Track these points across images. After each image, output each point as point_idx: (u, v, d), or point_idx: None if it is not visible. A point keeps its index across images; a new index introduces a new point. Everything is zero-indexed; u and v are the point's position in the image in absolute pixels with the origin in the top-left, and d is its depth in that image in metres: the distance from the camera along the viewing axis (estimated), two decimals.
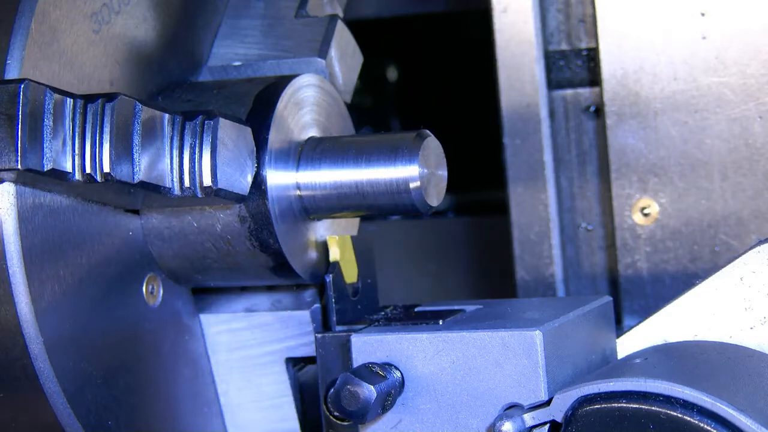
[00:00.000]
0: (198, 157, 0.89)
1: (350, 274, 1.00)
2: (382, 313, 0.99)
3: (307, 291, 1.03)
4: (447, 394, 0.89)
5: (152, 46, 0.98)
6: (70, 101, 0.84)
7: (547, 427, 0.87)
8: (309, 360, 1.04)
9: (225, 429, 1.04)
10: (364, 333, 0.91)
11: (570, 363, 0.90)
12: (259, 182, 0.94)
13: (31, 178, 0.84)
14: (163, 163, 0.88)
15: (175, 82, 1.00)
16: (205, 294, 1.04)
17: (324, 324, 1.01)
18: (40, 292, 0.86)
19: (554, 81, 1.16)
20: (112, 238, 0.93)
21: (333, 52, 1.03)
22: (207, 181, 0.89)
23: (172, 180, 0.88)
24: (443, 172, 0.98)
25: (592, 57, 1.15)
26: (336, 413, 0.93)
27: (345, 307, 0.98)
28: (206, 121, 0.89)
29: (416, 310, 0.98)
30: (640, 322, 0.97)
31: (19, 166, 0.81)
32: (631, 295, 1.13)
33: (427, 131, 0.96)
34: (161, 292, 0.98)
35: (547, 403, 0.86)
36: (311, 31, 1.04)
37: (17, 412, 0.89)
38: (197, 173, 0.89)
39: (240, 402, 1.04)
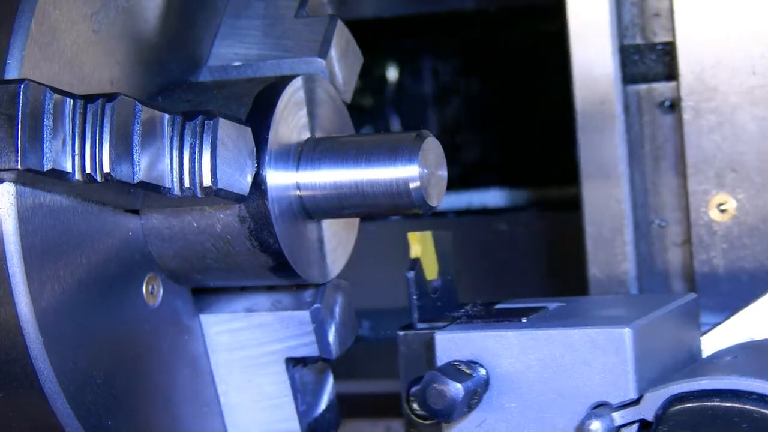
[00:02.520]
0: (198, 157, 0.89)
1: (431, 270, 0.98)
2: (463, 310, 0.98)
3: (307, 291, 1.03)
4: (533, 392, 0.88)
5: (152, 46, 0.98)
6: (70, 101, 0.84)
7: (636, 426, 0.86)
8: (309, 360, 1.04)
9: (225, 429, 1.04)
10: (448, 330, 0.90)
11: (657, 361, 0.89)
12: (259, 182, 0.94)
13: (31, 178, 0.84)
14: (163, 163, 0.88)
15: (175, 82, 1.00)
16: (205, 294, 1.04)
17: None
18: (40, 292, 0.86)
19: (628, 76, 1.16)
20: (112, 238, 0.93)
21: (333, 52, 1.03)
22: (207, 181, 0.89)
23: (172, 180, 0.88)
24: (443, 172, 0.98)
25: (667, 51, 1.14)
26: (421, 412, 0.92)
27: (425, 304, 0.97)
28: (206, 121, 0.89)
29: (497, 307, 0.97)
30: (720, 319, 0.95)
31: (19, 166, 0.81)
32: (707, 293, 1.12)
33: (427, 131, 0.96)
34: (161, 292, 0.98)
35: (636, 401, 0.85)
36: (311, 31, 1.04)
37: (17, 412, 0.89)
38: (197, 173, 0.88)
39: (240, 402, 1.04)
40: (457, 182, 1.67)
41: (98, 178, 0.84)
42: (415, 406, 0.94)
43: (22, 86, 0.81)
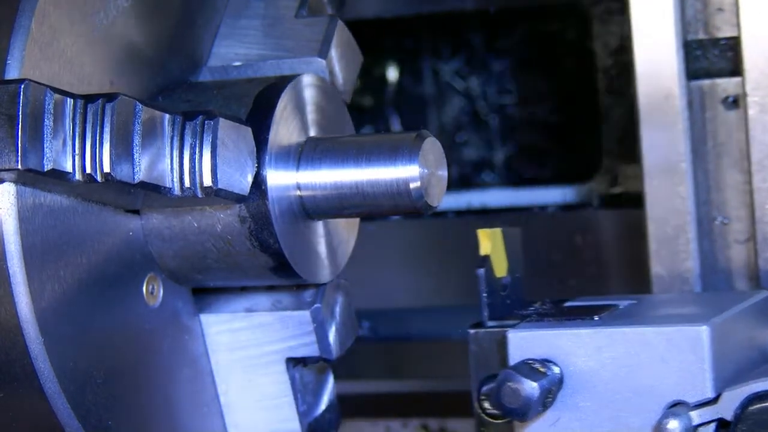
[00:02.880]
0: (198, 157, 0.89)
1: (500, 268, 0.98)
2: (532, 308, 0.97)
3: (307, 291, 1.03)
4: (608, 391, 0.87)
5: (152, 46, 0.98)
6: (70, 101, 0.84)
7: (713, 425, 0.85)
8: (309, 360, 1.04)
9: (225, 429, 1.04)
10: (521, 329, 0.90)
11: (732, 359, 0.89)
12: (259, 182, 0.94)
13: (31, 178, 0.84)
14: (163, 163, 0.88)
15: (175, 82, 1.00)
16: (205, 294, 1.04)
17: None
18: (40, 292, 0.86)
19: (691, 71, 1.15)
20: (113, 238, 0.93)
21: (333, 52, 1.03)
22: (207, 181, 0.89)
23: (173, 180, 0.88)
24: (443, 172, 0.98)
25: (730, 46, 1.14)
26: (492, 411, 0.91)
27: (495, 301, 0.96)
28: (206, 121, 0.89)
29: (566, 305, 0.97)
30: None
31: (20, 166, 0.81)
32: None
33: (427, 131, 0.96)
34: (161, 292, 0.98)
35: (714, 400, 0.85)
36: (311, 31, 1.04)
37: (17, 412, 0.89)
38: (197, 173, 0.89)
39: (240, 402, 1.04)
40: (457, 182, 1.67)
41: (98, 178, 0.84)
42: (486, 405, 0.93)
43: (22, 86, 0.81)
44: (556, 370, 0.88)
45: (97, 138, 0.84)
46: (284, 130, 0.96)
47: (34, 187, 0.86)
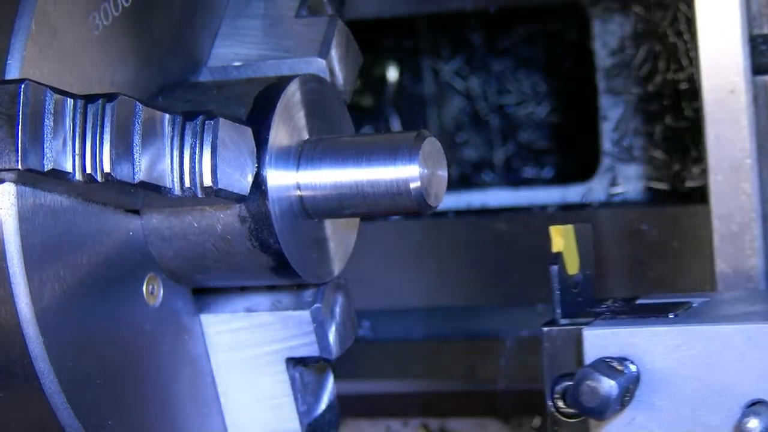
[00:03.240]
0: (198, 157, 0.89)
1: (572, 265, 0.97)
2: (604, 306, 0.96)
3: (307, 291, 1.03)
4: (685, 389, 0.86)
5: (152, 46, 0.98)
6: (70, 101, 0.84)
7: None
8: (309, 360, 1.04)
9: (225, 429, 1.04)
10: (596, 326, 0.89)
11: None
12: (259, 182, 0.94)
13: (31, 178, 0.84)
14: (164, 163, 0.88)
15: (175, 82, 1.00)
16: (205, 294, 1.04)
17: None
18: (40, 292, 0.86)
19: (756, 66, 1.14)
20: (113, 238, 0.93)
21: (333, 52, 1.03)
22: (207, 181, 0.89)
23: (173, 180, 0.89)
24: (443, 172, 0.98)
25: None
26: (566, 410, 0.91)
27: (566, 299, 0.95)
28: (206, 122, 0.89)
29: (638, 302, 0.96)
30: None
31: (20, 167, 0.81)
32: None
33: (427, 131, 0.96)
34: (161, 292, 0.98)
35: None
36: (311, 31, 1.04)
37: (17, 412, 0.89)
38: (197, 173, 0.89)
39: (240, 402, 1.04)
40: (457, 182, 1.67)
41: (99, 178, 0.84)
42: (560, 403, 0.92)
43: (22, 86, 0.81)
44: (633, 368, 0.87)
45: (97, 138, 0.84)
46: (284, 130, 0.96)
47: (34, 187, 0.86)
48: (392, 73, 1.72)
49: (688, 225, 1.40)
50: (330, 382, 1.08)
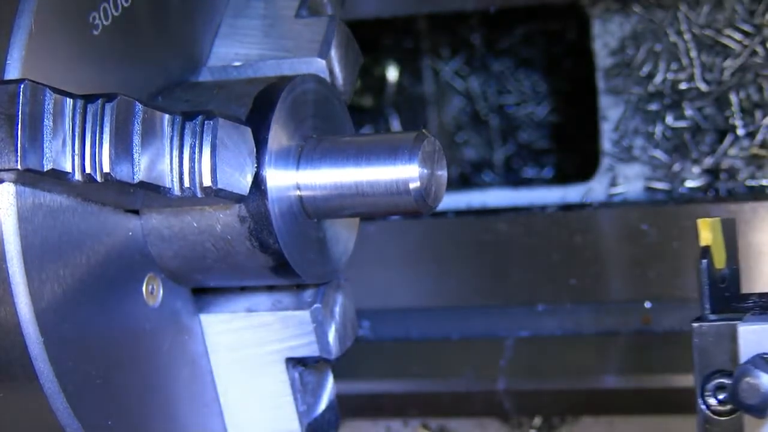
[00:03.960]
0: (198, 157, 0.89)
1: (719, 259, 0.95)
2: (751, 301, 0.95)
3: (307, 291, 1.03)
4: None
5: (152, 46, 0.98)
6: (69, 101, 0.84)
7: None
8: (309, 360, 1.04)
9: (225, 429, 1.04)
10: (751, 322, 0.87)
11: None
12: (259, 182, 0.94)
13: (31, 178, 0.84)
14: (163, 163, 0.88)
15: (175, 82, 1.00)
16: (205, 294, 1.04)
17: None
18: (40, 292, 0.86)
19: None
20: (112, 238, 0.93)
21: (333, 52, 1.03)
22: (207, 181, 0.89)
23: (172, 180, 0.89)
24: (443, 172, 0.98)
25: None
26: (718, 407, 0.89)
27: (715, 294, 0.93)
28: (206, 121, 0.89)
29: None
30: None
31: (19, 166, 0.81)
32: None
33: (427, 131, 0.96)
34: (161, 292, 0.98)
35: None
36: (311, 31, 1.04)
37: (17, 412, 0.89)
38: (197, 173, 0.89)
39: (240, 402, 1.04)
40: (457, 182, 1.67)
41: (98, 178, 0.84)
42: (711, 401, 0.90)
43: (22, 86, 0.81)
44: None
45: (97, 138, 0.84)
46: (284, 130, 0.96)
47: (33, 187, 0.86)
48: (392, 73, 1.72)
49: (688, 225, 1.40)
50: (330, 382, 1.08)
